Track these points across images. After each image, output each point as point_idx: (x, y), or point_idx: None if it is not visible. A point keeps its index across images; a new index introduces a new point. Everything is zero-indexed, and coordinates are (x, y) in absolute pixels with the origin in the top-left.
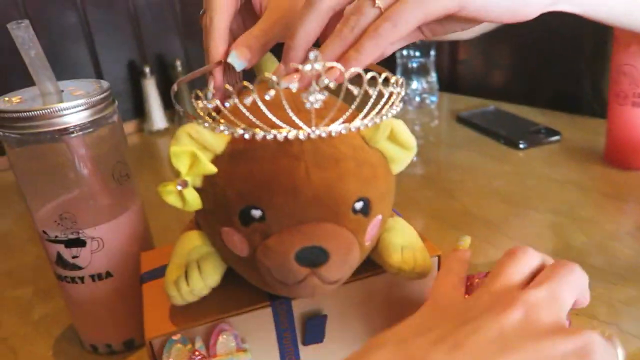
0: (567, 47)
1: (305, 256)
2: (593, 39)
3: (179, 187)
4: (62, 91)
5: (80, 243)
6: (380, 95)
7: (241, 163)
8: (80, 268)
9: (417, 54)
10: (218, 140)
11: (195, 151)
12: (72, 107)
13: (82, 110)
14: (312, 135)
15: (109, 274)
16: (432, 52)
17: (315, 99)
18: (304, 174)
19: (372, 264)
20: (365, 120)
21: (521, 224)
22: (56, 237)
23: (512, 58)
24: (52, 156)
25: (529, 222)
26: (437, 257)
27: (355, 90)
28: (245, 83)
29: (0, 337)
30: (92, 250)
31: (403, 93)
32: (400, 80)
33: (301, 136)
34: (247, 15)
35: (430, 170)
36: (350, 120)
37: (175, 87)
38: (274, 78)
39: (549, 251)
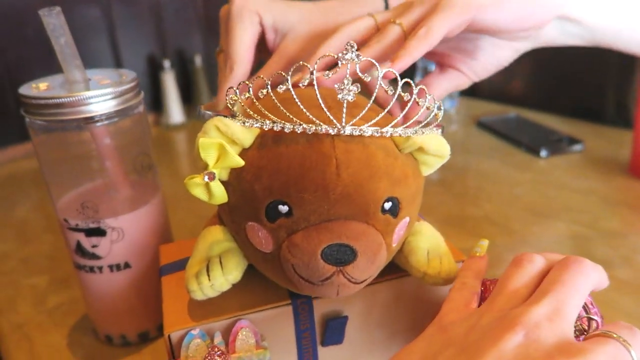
0: (590, 57)
1: (332, 254)
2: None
3: (206, 179)
4: (90, 80)
5: (100, 233)
6: (415, 105)
7: (270, 158)
8: (99, 258)
9: None
10: (246, 134)
11: (223, 143)
12: (99, 95)
13: (109, 99)
14: (343, 132)
15: (127, 265)
16: None
17: (349, 90)
18: (335, 171)
19: (396, 267)
20: (398, 129)
21: (543, 233)
22: (77, 225)
23: (532, 67)
24: (77, 144)
25: (551, 231)
26: (461, 263)
27: (390, 90)
28: (280, 72)
29: (16, 323)
30: (112, 240)
31: (441, 116)
32: (438, 103)
33: (332, 131)
34: (263, 50)
35: (448, 176)
36: (382, 124)
37: (199, 108)
38: (309, 67)
39: None
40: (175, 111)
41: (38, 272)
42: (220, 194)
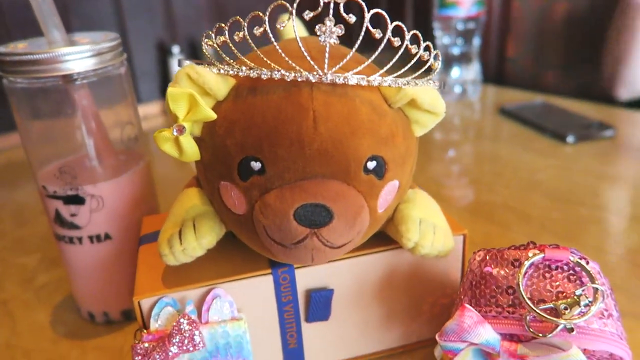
0: None
1: (305, 215)
2: None
3: (175, 133)
4: (71, 41)
5: (79, 200)
6: (407, 53)
7: (243, 110)
8: (78, 227)
9: (460, 41)
10: (220, 84)
11: (194, 94)
12: (76, 52)
13: (87, 57)
14: (325, 80)
15: (107, 236)
16: (476, 41)
17: (331, 32)
18: (311, 125)
19: (387, 238)
20: (387, 79)
21: (565, 219)
22: (55, 192)
23: (568, 57)
24: (55, 107)
25: (574, 218)
26: (462, 236)
27: (377, 34)
28: (257, 12)
29: (2, 299)
30: (91, 209)
31: (438, 67)
32: (435, 52)
33: (312, 78)
34: None
35: (466, 162)
36: (368, 73)
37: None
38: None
39: (595, 247)
40: None
41: (30, 251)
42: (190, 150)
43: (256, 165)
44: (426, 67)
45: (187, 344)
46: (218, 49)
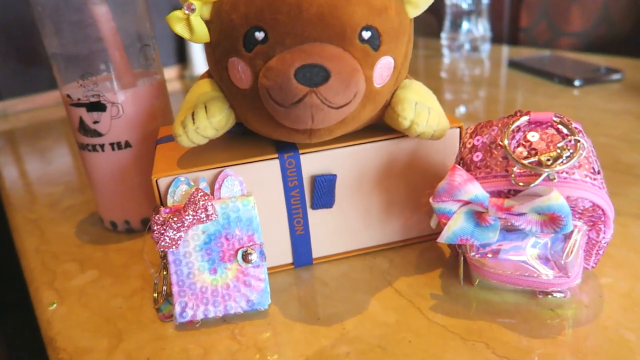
0: None
1: (304, 74)
2: None
3: (187, 11)
4: None
5: (100, 107)
6: None
7: None
8: (100, 135)
9: (470, 1)
10: None
11: None
12: None
13: None
14: None
15: (128, 144)
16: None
17: None
18: None
19: (387, 129)
20: None
21: None
22: (78, 100)
23: (584, 24)
24: (77, 18)
25: None
26: (458, 129)
27: None
28: None
29: (31, 218)
30: (112, 116)
31: None
32: None
33: None
34: None
35: (471, 107)
36: None
37: None
38: None
39: None
40: (199, 61)
41: (56, 184)
42: (200, 30)
43: (259, 35)
44: None
45: (200, 213)
46: None
